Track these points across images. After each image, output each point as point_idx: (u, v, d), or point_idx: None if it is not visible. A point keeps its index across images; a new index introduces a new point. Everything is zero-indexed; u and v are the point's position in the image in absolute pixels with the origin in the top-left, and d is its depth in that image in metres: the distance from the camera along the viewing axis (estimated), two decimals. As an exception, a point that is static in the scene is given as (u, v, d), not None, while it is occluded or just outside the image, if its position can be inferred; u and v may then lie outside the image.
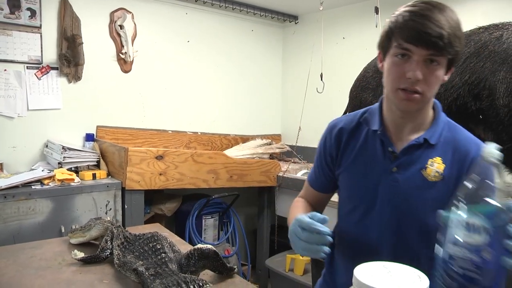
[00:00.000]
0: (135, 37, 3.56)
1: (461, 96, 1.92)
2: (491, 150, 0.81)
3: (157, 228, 1.83)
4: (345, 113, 2.64)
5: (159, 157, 2.89)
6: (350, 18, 3.98)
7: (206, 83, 4.09)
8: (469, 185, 0.80)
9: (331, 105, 3.57)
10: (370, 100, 2.33)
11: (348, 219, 1.26)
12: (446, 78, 1.12)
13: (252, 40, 4.37)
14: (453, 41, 1.02)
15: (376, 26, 3.39)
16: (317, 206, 1.39)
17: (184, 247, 1.51)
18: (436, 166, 1.11)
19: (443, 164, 1.11)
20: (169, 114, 3.86)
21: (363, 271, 0.77)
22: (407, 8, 1.07)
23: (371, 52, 2.71)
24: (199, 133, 4.02)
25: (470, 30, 2.03)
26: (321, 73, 3.57)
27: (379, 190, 1.16)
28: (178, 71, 3.89)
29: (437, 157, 1.12)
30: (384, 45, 1.14)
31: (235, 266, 1.45)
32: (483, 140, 1.91)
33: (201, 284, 1.11)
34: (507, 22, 1.94)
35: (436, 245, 0.82)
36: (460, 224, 0.77)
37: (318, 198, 1.40)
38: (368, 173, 1.19)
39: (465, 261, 0.74)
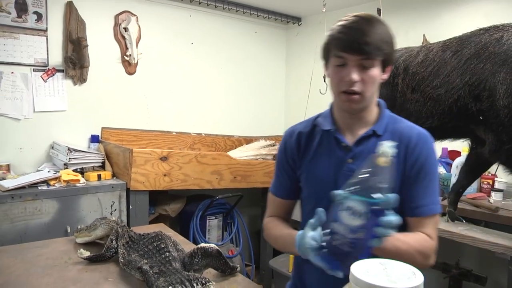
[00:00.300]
0: (139, 39, 3.59)
1: (462, 97, 1.93)
2: (386, 148, 0.96)
3: (161, 228, 1.86)
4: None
5: (164, 158, 2.92)
6: (352, 19, 3.99)
7: (210, 85, 4.12)
8: (361, 176, 0.96)
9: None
10: (371, 101, 2.35)
11: (311, 214, 1.26)
12: (384, 76, 1.27)
13: (256, 41, 4.39)
14: (380, 45, 1.18)
15: (379, 28, 3.42)
16: (287, 217, 1.46)
17: (187, 246, 1.54)
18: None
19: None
20: (173, 115, 3.90)
21: (360, 268, 0.79)
22: (340, 23, 1.24)
23: (373, 54, 2.74)
24: (203, 135, 4.05)
25: (471, 32, 2.04)
26: (324, 75, 3.59)
27: (338, 182, 1.24)
28: (182, 73, 3.92)
29: None
30: (325, 56, 1.30)
31: (238, 265, 1.47)
32: (484, 141, 1.94)
33: (204, 282, 1.14)
34: (507, 24, 1.95)
35: (329, 216, 1.01)
36: (346, 207, 0.95)
37: (285, 207, 1.46)
38: (326, 168, 1.31)
39: (343, 237, 0.95)
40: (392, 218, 0.97)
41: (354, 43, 1.18)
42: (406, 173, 1.23)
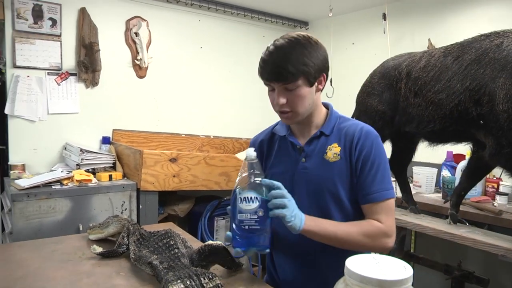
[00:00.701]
0: (149, 44, 3.68)
1: (462, 102, 1.98)
2: (250, 153, 1.24)
3: (171, 227, 1.92)
4: (352, 118, 2.70)
5: (173, 160, 2.99)
6: (359, 24, 4.05)
7: (219, 88, 4.19)
8: (244, 175, 1.22)
9: (341, 110, 3.63)
10: (375, 105, 2.40)
11: None
12: (320, 86, 1.40)
13: (264, 45, 4.37)
14: (297, 68, 1.29)
15: (384, 32, 3.47)
16: None
17: (195, 244, 1.60)
18: (334, 150, 1.40)
19: (339, 147, 1.40)
20: (182, 118, 3.98)
21: (354, 262, 0.86)
22: (263, 53, 1.37)
23: (380, 57, 2.79)
24: (211, 137, 4.12)
25: (472, 38, 2.08)
26: (331, 78, 3.65)
27: (295, 179, 1.43)
28: (191, 76, 4.00)
29: (334, 143, 1.41)
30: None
31: (243, 263, 1.53)
32: (484, 145, 1.98)
33: (211, 276, 1.19)
34: (508, 30, 1.98)
35: (231, 216, 1.24)
36: (241, 200, 1.19)
37: None
38: (285, 169, 1.46)
39: (249, 221, 1.18)
40: (276, 201, 1.21)
41: (272, 74, 1.32)
42: (353, 165, 1.37)
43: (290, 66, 1.29)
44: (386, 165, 1.39)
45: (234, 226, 1.22)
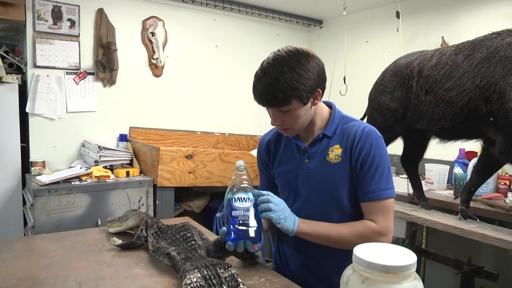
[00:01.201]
0: (166, 43, 3.75)
1: (473, 100, 2.00)
2: (240, 163, 1.38)
3: (187, 221, 1.99)
4: (364, 115, 2.74)
5: (189, 157, 3.06)
6: (372, 22, 4.07)
7: (234, 86, 4.25)
8: (236, 181, 1.35)
9: (355, 108, 3.66)
10: (387, 103, 2.43)
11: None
12: (316, 101, 1.41)
13: (278, 44, 4.40)
14: (287, 92, 1.30)
15: (397, 30, 3.49)
16: None
17: (211, 236, 1.66)
18: (335, 151, 1.43)
19: (341, 149, 1.43)
20: (198, 116, 4.04)
21: (362, 250, 0.90)
22: (256, 73, 1.38)
23: (393, 55, 2.82)
24: (226, 134, 4.18)
25: (483, 36, 2.10)
26: (344, 76, 3.68)
27: (299, 179, 1.49)
28: (207, 75, 4.07)
29: (336, 145, 1.44)
30: None
31: (258, 255, 1.59)
32: (494, 142, 2.00)
33: (226, 266, 1.25)
34: (520, 27, 2.01)
35: (225, 215, 1.33)
36: (234, 200, 1.31)
37: None
38: (290, 169, 1.52)
39: (243, 217, 1.30)
40: (262, 205, 1.33)
41: (264, 99, 1.35)
42: (353, 165, 1.40)
43: (280, 93, 1.30)
44: (386, 165, 1.40)
45: (228, 223, 1.32)
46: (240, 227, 1.29)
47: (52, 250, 1.57)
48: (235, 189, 1.34)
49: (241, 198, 1.32)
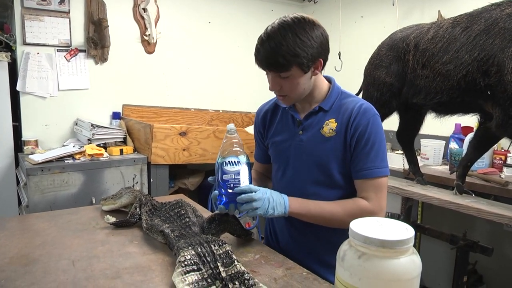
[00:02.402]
0: (158, 19, 3.68)
1: (470, 73, 1.97)
2: (230, 127, 1.37)
3: (181, 198, 1.97)
4: (360, 90, 2.71)
5: (183, 134, 3.03)
6: (368, -4, 4.00)
7: (227, 63, 4.20)
8: (226, 145, 1.34)
9: (349, 83, 3.63)
10: (383, 77, 2.40)
11: (276, 177, 1.59)
12: (317, 71, 1.39)
13: (272, 20, 4.31)
14: (288, 58, 1.29)
15: (393, 5, 3.44)
16: (268, 175, 1.71)
17: (206, 214, 1.64)
18: (330, 125, 1.43)
19: (336, 123, 1.42)
20: (191, 93, 4.00)
21: (358, 224, 0.89)
22: (259, 37, 1.35)
23: (389, 30, 2.77)
24: (220, 111, 4.15)
25: (482, 7, 2.05)
26: (339, 52, 3.64)
27: (291, 150, 1.49)
28: (200, 52, 4.01)
29: (332, 119, 1.44)
30: None
31: (252, 231, 1.58)
32: (491, 116, 1.98)
33: (221, 243, 1.23)
34: (521, -2, 1.96)
35: (216, 183, 1.33)
36: (225, 164, 1.31)
37: (263, 168, 1.72)
38: (283, 139, 1.52)
39: (233, 180, 1.31)
40: (245, 206, 1.29)
41: (264, 63, 1.34)
42: (348, 141, 1.39)
43: (281, 58, 1.29)
44: (381, 144, 1.39)
45: (219, 187, 1.33)
46: (231, 191, 1.30)
47: (46, 229, 1.55)
48: (226, 153, 1.33)
49: (231, 162, 1.32)
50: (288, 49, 1.28)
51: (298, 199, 1.40)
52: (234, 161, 1.32)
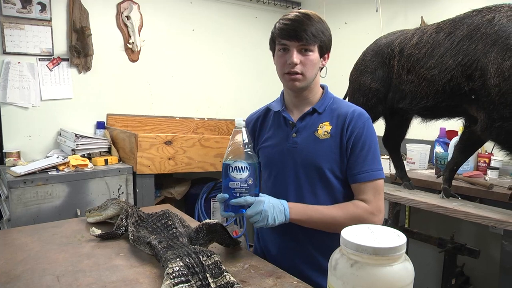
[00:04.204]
0: (141, 27, 3.65)
1: (455, 77, 1.99)
2: (239, 121, 1.36)
3: (168, 208, 1.95)
4: (345, 96, 2.72)
5: (168, 142, 3.01)
6: (351, 3, 4.03)
7: (212, 70, 4.18)
8: (233, 144, 1.32)
9: (335, 89, 3.64)
10: (368, 83, 2.41)
11: (266, 185, 1.57)
12: (324, 63, 1.48)
13: (256, 27, 4.43)
14: (316, 34, 1.37)
15: (377, 11, 3.47)
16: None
17: (193, 223, 1.62)
18: (325, 128, 1.45)
19: (330, 126, 1.45)
20: (176, 101, 3.97)
21: (349, 232, 0.88)
22: (283, 17, 1.43)
23: (373, 36, 2.78)
24: (206, 119, 4.13)
25: (464, 13, 2.08)
26: (324, 58, 3.64)
27: (285, 153, 1.49)
28: (184, 59, 3.99)
29: (326, 122, 1.46)
30: (271, 46, 1.50)
31: (241, 240, 1.56)
32: (476, 120, 2.00)
33: (209, 254, 1.21)
34: (499, 5, 1.99)
35: (223, 187, 1.31)
36: (232, 169, 1.28)
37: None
38: (276, 143, 1.52)
39: (240, 189, 1.29)
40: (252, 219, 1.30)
41: (293, 32, 1.37)
42: (344, 145, 1.42)
43: (313, 29, 1.37)
44: (377, 147, 1.43)
45: (225, 191, 1.31)
46: (237, 199, 1.30)
47: (28, 243, 1.51)
48: (233, 156, 1.31)
49: (238, 167, 1.29)
50: (317, 27, 1.38)
51: (297, 204, 1.40)
52: (242, 167, 1.29)
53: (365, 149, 1.40)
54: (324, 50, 1.43)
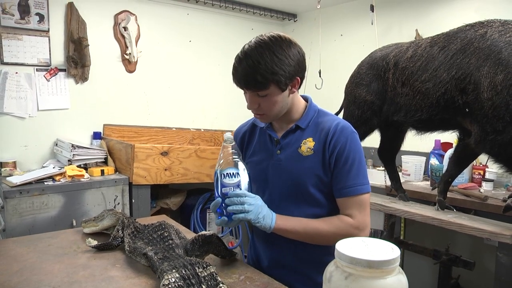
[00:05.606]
0: (138, 38, 3.67)
1: (449, 91, 2.02)
2: (227, 136, 1.37)
3: (164, 219, 1.95)
4: (340, 108, 2.74)
5: (164, 153, 3.01)
6: (347, 16, 4.07)
7: (208, 81, 4.20)
8: (224, 155, 1.34)
9: (330, 101, 3.68)
10: (363, 96, 2.43)
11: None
12: (294, 89, 1.41)
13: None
14: (268, 75, 1.29)
15: (372, 24, 3.50)
16: None
17: (189, 235, 1.62)
18: (308, 144, 1.43)
19: (313, 142, 1.42)
20: (172, 112, 3.98)
21: (344, 245, 0.89)
22: (235, 58, 1.36)
23: (368, 49, 2.82)
24: (202, 130, 4.14)
25: (457, 28, 2.12)
26: (320, 70, 3.68)
27: (269, 170, 1.49)
28: (181, 70, 4.01)
29: (309, 138, 1.44)
30: None
31: (236, 252, 1.57)
32: (470, 132, 2.03)
33: (205, 265, 1.22)
34: (492, 20, 2.03)
35: (216, 195, 1.32)
36: (224, 175, 1.31)
37: None
38: (261, 159, 1.52)
39: (232, 193, 1.30)
40: (236, 206, 1.29)
41: (242, 82, 1.34)
42: (327, 160, 1.40)
43: (259, 76, 1.29)
44: (362, 161, 1.40)
45: (219, 199, 1.32)
46: (229, 204, 1.31)
47: (24, 254, 1.51)
48: (225, 164, 1.33)
49: (230, 174, 1.32)
50: (266, 67, 1.28)
51: (283, 216, 1.39)
52: (233, 173, 1.32)
53: (348, 163, 1.37)
54: (286, 83, 1.34)
